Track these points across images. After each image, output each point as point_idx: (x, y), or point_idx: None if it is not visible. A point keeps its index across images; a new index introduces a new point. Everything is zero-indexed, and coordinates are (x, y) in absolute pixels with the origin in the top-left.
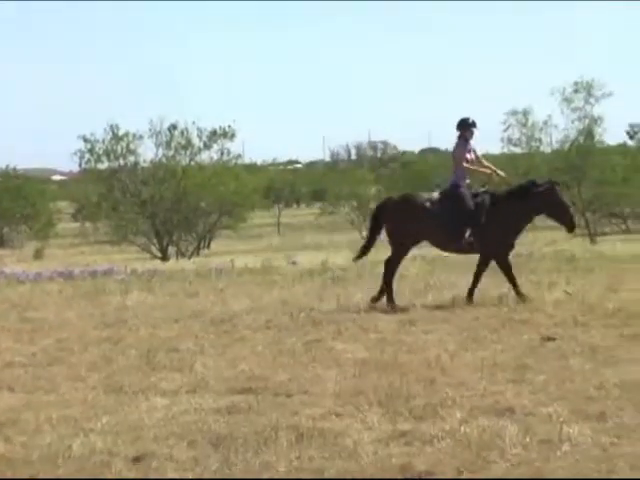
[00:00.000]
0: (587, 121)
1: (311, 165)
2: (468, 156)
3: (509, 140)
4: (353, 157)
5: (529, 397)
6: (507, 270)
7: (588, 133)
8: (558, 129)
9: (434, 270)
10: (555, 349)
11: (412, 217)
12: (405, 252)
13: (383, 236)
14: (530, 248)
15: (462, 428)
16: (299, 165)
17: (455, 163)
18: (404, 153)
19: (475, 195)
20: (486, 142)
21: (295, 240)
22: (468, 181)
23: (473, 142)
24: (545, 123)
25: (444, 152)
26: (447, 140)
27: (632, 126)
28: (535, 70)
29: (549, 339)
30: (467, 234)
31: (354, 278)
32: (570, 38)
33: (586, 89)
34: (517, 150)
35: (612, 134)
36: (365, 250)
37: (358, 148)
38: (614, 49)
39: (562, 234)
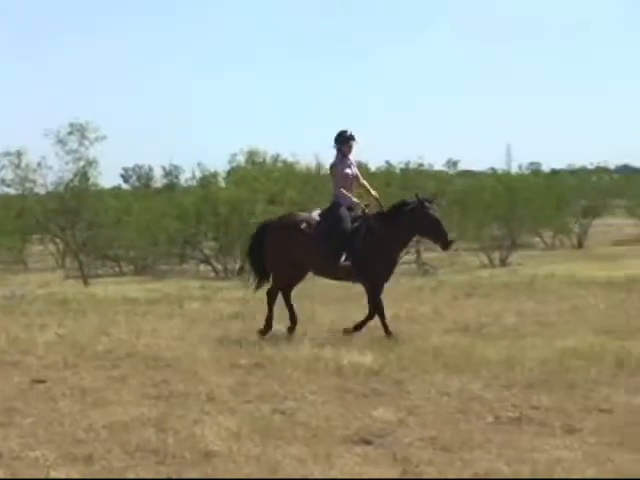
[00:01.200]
0: (82, 163)
1: None
2: (348, 171)
3: (2, 181)
4: None
5: (17, 440)
6: (377, 303)
7: (83, 175)
8: (53, 170)
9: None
10: (45, 392)
11: (288, 241)
12: (285, 280)
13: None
14: (23, 290)
15: None
16: None
17: (334, 181)
18: None
19: (355, 219)
20: None
21: None
22: (357, 200)
23: (352, 157)
24: (39, 164)
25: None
26: None
27: (126, 170)
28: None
29: (39, 382)
30: (342, 259)
31: None
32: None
33: (80, 131)
34: (11, 191)
35: (108, 177)
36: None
37: None
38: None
39: (56, 276)
